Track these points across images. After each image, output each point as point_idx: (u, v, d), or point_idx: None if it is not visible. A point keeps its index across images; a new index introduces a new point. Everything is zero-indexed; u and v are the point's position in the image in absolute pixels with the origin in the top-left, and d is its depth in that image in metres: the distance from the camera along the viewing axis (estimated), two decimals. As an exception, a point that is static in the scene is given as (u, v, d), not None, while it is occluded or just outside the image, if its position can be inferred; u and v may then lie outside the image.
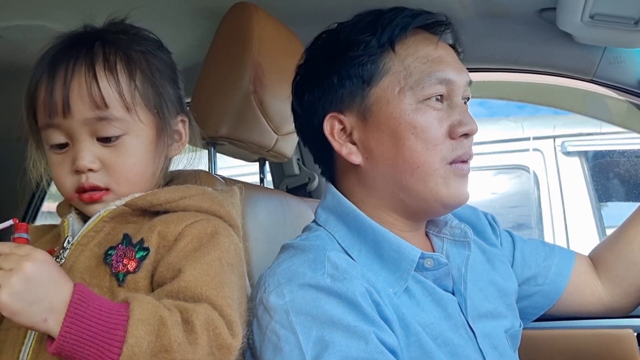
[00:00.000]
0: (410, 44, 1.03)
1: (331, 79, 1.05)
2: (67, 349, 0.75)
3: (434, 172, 1.00)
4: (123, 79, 0.92)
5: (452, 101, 1.03)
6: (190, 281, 0.82)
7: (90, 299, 0.77)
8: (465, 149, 1.02)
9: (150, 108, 0.95)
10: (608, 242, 1.28)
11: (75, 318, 0.75)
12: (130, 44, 0.96)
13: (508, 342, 1.10)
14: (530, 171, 3.18)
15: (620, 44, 1.46)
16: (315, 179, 2.02)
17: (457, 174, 1.02)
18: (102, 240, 0.91)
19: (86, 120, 0.90)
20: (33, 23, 1.53)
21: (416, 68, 1.01)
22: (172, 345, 0.75)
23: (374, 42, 1.02)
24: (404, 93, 1.01)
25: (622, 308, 1.25)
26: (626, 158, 3.15)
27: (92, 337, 0.74)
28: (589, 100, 1.97)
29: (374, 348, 0.87)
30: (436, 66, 1.02)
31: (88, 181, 0.91)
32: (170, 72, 1.01)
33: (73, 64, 0.90)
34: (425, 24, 1.05)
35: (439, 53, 1.03)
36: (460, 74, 1.04)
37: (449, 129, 1.01)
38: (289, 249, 1.03)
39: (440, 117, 1.01)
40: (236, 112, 1.31)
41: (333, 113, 1.05)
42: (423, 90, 1.00)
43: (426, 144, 1.00)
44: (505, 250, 1.24)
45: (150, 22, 1.03)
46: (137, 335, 0.74)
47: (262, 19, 1.33)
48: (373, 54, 1.03)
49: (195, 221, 0.90)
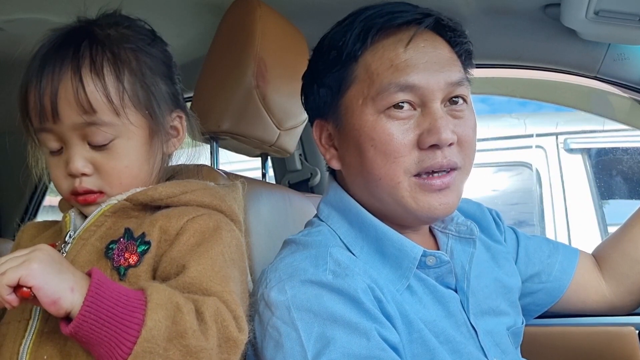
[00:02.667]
0: (379, 48, 0.98)
1: (313, 87, 1.06)
2: (85, 329, 0.74)
3: (397, 185, 0.96)
4: (110, 82, 0.89)
5: (426, 107, 0.96)
6: (196, 277, 0.82)
7: (108, 282, 0.78)
8: (435, 159, 0.94)
9: (140, 109, 0.92)
10: (612, 240, 1.28)
11: (95, 297, 0.75)
12: (119, 42, 0.93)
13: (510, 339, 1.09)
14: (533, 168, 3.18)
15: (625, 40, 1.45)
16: (317, 174, 2.02)
17: (425, 188, 0.96)
18: (103, 235, 0.91)
19: (75, 125, 0.88)
20: (35, 16, 1.53)
21: (379, 75, 0.96)
22: (187, 332, 0.76)
23: (344, 48, 0.99)
24: (366, 104, 0.97)
25: (626, 306, 1.25)
26: (629, 155, 3.15)
27: (112, 317, 0.74)
28: (592, 97, 1.97)
29: (375, 345, 0.87)
30: (399, 72, 0.95)
31: (81, 185, 0.91)
32: (163, 67, 0.98)
33: (59, 68, 0.88)
34: (397, 24, 0.98)
35: (408, 55, 0.96)
36: (434, 75, 0.96)
37: (417, 138, 0.95)
38: (291, 244, 1.03)
39: (406, 128, 0.95)
40: (239, 107, 1.31)
41: (318, 120, 1.07)
42: (383, 100, 0.95)
43: (386, 157, 0.95)
44: (509, 247, 1.23)
45: (152, 16, 1.02)
46: (155, 318, 0.74)
47: (265, 14, 1.33)
48: (338, 63, 1.00)
49: (197, 216, 0.90)
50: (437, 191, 0.96)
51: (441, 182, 0.96)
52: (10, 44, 0.92)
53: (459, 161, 0.97)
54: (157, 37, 1.00)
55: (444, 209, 0.98)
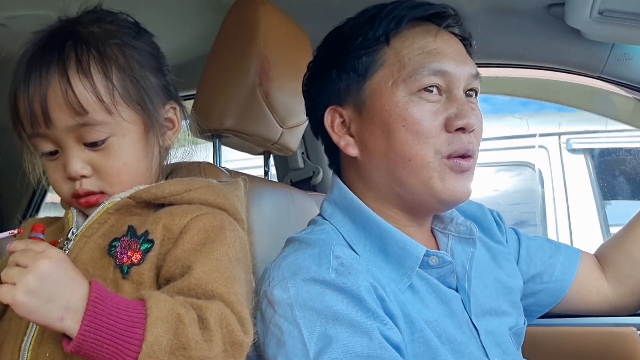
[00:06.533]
0: (408, 36, 1.03)
1: (331, 72, 1.06)
2: (86, 348, 0.74)
3: (427, 165, 0.99)
4: (99, 81, 0.88)
5: (452, 93, 1.01)
6: (201, 278, 0.82)
7: (108, 297, 0.76)
8: (462, 143, 0.99)
9: (132, 105, 0.91)
10: (614, 240, 1.28)
11: (94, 316, 0.74)
12: (104, 38, 0.91)
13: (512, 339, 1.09)
14: (535, 168, 3.17)
15: (629, 40, 1.45)
16: (319, 172, 2.02)
17: (453, 169, 0.99)
18: (106, 232, 0.90)
19: (69, 128, 0.87)
20: (37, 13, 1.52)
21: (410, 60, 1.00)
22: (190, 343, 0.75)
23: (371, 35, 1.02)
24: (397, 85, 1.00)
25: (628, 307, 1.25)
26: (632, 156, 3.14)
27: (111, 335, 0.74)
28: (595, 97, 1.97)
29: (377, 344, 0.87)
30: (431, 57, 1.00)
31: (82, 187, 0.90)
32: (151, 60, 0.97)
33: (46, 72, 0.87)
34: (426, 15, 1.04)
35: (438, 45, 1.02)
36: (460, 66, 1.02)
37: (445, 121, 0.99)
38: (294, 242, 1.03)
39: (436, 110, 0.99)
40: (242, 105, 1.30)
41: (333, 106, 1.06)
42: (416, 82, 0.99)
43: (417, 137, 0.98)
44: (510, 247, 1.23)
45: (156, 14, 1.02)
46: (156, 333, 0.74)
47: (269, 12, 1.33)
48: (369, 47, 1.02)
49: (201, 214, 0.89)
50: (461, 174, 1.00)
51: (467, 164, 1.00)
52: (13, 41, 0.92)
53: (475, 149, 1.02)
54: (141, 29, 0.99)
55: (464, 193, 1.01)
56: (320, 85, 1.09)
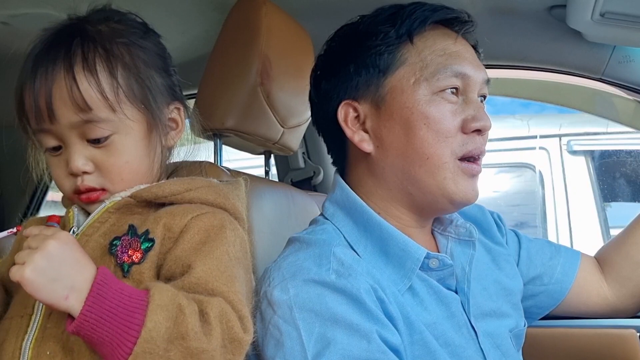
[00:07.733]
0: (429, 37, 1.04)
1: (348, 67, 1.06)
2: (87, 328, 0.75)
3: (443, 165, 1.00)
4: (104, 78, 0.89)
5: (468, 96, 1.03)
6: (202, 277, 0.82)
7: (113, 282, 0.78)
8: (476, 144, 1.01)
9: (136, 103, 0.92)
10: (614, 242, 1.28)
11: (97, 298, 0.76)
12: (111, 37, 0.92)
13: (512, 341, 1.09)
14: (536, 170, 3.17)
15: (630, 42, 1.45)
16: (320, 172, 2.01)
17: (465, 172, 1.01)
18: (107, 231, 0.91)
19: (72, 124, 0.88)
20: (40, 11, 1.53)
21: (433, 60, 1.02)
22: (189, 333, 0.76)
23: (393, 33, 1.03)
24: (419, 84, 1.01)
25: (628, 309, 1.25)
26: (632, 158, 3.13)
27: (112, 318, 0.75)
28: (596, 99, 1.97)
29: (375, 347, 0.87)
30: (453, 60, 1.02)
31: (83, 183, 0.91)
32: (157, 60, 0.97)
33: (52, 68, 0.87)
34: (445, 19, 1.06)
35: (457, 48, 1.04)
36: (477, 70, 1.04)
37: (462, 123, 1.01)
38: (295, 242, 1.03)
39: (454, 111, 1.01)
40: (243, 105, 1.30)
41: (348, 100, 1.06)
42: (438, 82, 1.01)
43: (437, 136, 1.00)
44: (510, 249, 1.23)
45: (158, 13, 1.02)
46: (155, 320, 0.75)
47: (271, 12, 1.32)
48: (391, 45, 1.03)
49: (201, 214, 0.89)
50: (472, 177, 1.02)
51: (478, 168, 1.03)
52: (16, 39, 0.92)
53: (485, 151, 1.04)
54: (149, 29, 0.99)
55: (474, 196, 1.04)
56: (333, 80, 1.08)
